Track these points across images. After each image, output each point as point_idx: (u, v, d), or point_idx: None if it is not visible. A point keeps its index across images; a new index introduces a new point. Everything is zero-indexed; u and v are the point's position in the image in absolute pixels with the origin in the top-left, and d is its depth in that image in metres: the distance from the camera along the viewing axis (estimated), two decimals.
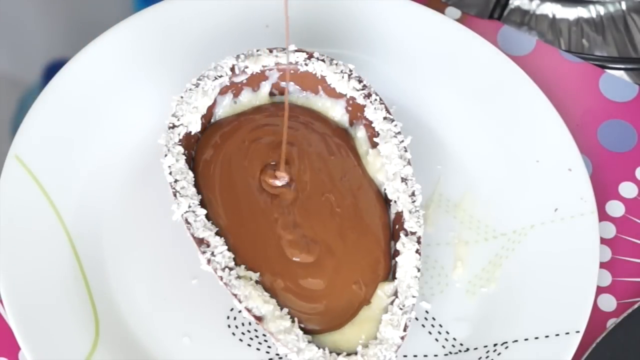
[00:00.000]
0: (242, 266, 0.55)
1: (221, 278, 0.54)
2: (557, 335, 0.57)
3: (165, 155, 0.56)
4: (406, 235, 0.56)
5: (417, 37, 0.65)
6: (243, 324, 0.58)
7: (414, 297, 0.55)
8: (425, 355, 0.58)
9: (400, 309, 0.55)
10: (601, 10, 0.72)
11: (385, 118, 0.59)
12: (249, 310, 0.54)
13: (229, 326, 0.58)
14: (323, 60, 0.59)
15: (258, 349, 0.58)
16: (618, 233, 0.63)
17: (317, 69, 0.59)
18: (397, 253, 0.56)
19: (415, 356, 0.58)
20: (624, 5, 0.72)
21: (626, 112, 0.66)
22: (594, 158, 0.65)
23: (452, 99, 0.65)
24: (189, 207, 0.55)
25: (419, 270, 0.56)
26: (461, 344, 0.58)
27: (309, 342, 0.54)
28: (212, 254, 0.54)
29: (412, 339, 0.57)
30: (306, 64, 0.59)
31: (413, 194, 0.57)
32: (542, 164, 0.62)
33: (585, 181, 0.61)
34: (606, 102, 0.67)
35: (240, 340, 0.58)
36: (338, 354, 0.54)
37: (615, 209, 0.63)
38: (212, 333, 0.58)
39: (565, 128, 0.63)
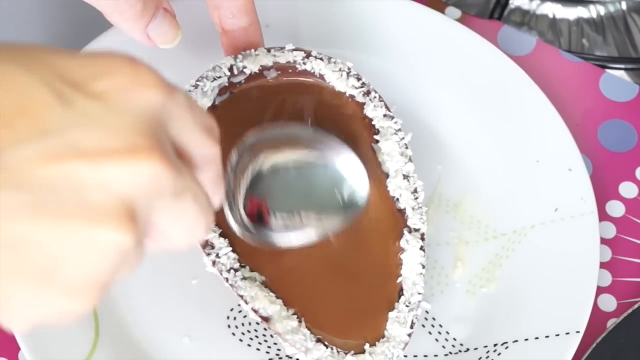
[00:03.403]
0: (247, 267, 0.55)
1: (227, 280, 0.54)
2: (557, 335, 0.57)
3: None
4: (410, 232, 0.56)
5: (417, 37, 0.65)
6: (243, 324, 0.58)
7: (419, 294, 0.55)
8: (425, 356, 0.58)
9: (407, 306, 0.55)
10: (601, 10, 0.72)
11: (385, 115, 0.58)
12: (255, 311, 0.53)
13: (229, 326, 0.58)
14: (321, 59, 0.59)
15: (258, 349, 0.58)
16: (618, 233, 0.63)
17: (315, 67, 0.59)
18: (401, 250, 0.56)
19: (415, 356, 0.58)
20: (624, 5, 0.72)
21: (626, 112, 0.66)
22: (594, 158, 0.65)
23: (452, 99, 0.65)
24: None
25: (423, 267, 0.56)
26: (461, 344, 0.58)
27: (317, 341, 0.54)
28: (217, 255, 0.54)
29: (412, 339, 0.57)
30: (304, 63, 0.59)
31: (415, 191, 0.57)
32: (542, 164, 0.62)
33: (585, 181, 0.61)
34: (606, 102, 0.67)
35: (240, 340, 0.58)
36: (346, 353, 0.54)
37: (615, 209, 0.63)
38: (212, 333, 0.58)
39: (565, 128, 0.63)
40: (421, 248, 0.56)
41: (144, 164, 0.34)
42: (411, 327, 0.54)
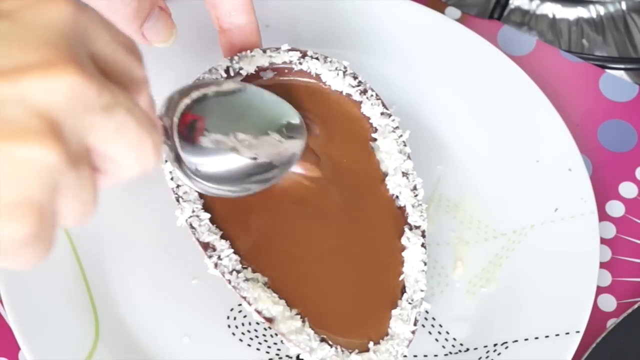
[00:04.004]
0: (250, 268, 0.55)
1: (229, 281, 0.54)
2: (557, 335, 0.57)
3: (166, 161, 0.55)
4: (410, 229, 0.56)
5: (417, 37, 0.65)
6: (243, 324, 0.58)
7: (422, 290, 0.55)
8: (425, 355, 0.58)
9: (409, 303, 0.55)
10: (601, 10, 0.72)
11: (382, 113, 0.58)
12: (259, 312, 0.53)
13: (229, 326, 0.58)
14: (317, 59, 0.59)
15: (258, 349, 0.58)
16: (618, 233, 0.63)
17: (311, 67, 0.59)
18: (402, 248, 0.56)
19: (415, 356, 0.58)
20: (624, 5, 0.72)
21: (626, 112, 0.66)
22: (594, 158, 0.65)
23: (452, 99, 0.65)
24: (193, 211, 0.55)
25: (425, 264, 0.56)
26: (461, 344, 0.58)
27: (321, 340, 0.54)
28: (219, 257, 0.54)
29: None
30: (300, 63, 0.59)
31: (415, 188, 0.57)
32: (542, 164, 0.62)
33: (585, 181, 0.61)
34: (606, 102, 0.67)
35: (240, 340, 0.58)
36: (350, 352, 0.54)
37: (615, 209, 0.63)
38: (212, 333, 0.58)
39: (565, 128, 0.63)
40: (422, 245, 0.56)
41: (60, 76, 0.34)
42: (414, 324, 0.54)
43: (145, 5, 0.55)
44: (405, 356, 0.55)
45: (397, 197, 0.57)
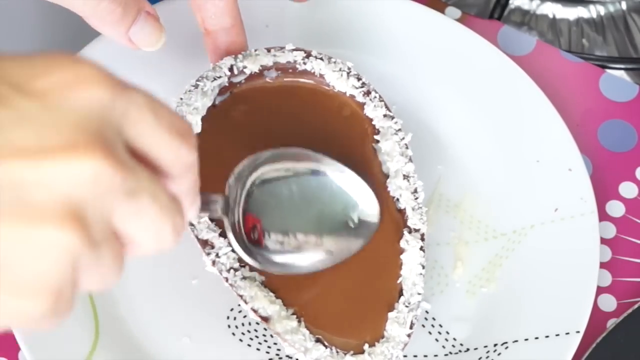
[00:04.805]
0: (247, 266, 0.55)
1: (226, 279, 0.54)
2: (557, 335, 0.57)
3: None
4: (410, 232, 0.56)
5: (417, 37, 0.65)
6: (243, 324, 0.58)
7: (419, 294, 0.55)
8: (425, 356, 0.58)
9: (406, 306, 0.55)
10: (601, 10, 0.72)
11: (385, 115, 0.58)
12: (255, 311, 0.53)
13: (229, 326, 0.58)
14: (321, 59, 0.59)
15: (258, 349, 0.58)
16: (618, 233, 0.63)
17: (315, 67, 0.59)
18: (401, 250, 0.56)
19: (415, 356, 0.58)
20: (624, 5, 0.72)
21: (626, 112, 0.66)
22: (594, 158, 0.65)
23: (452, 99, 0.65)
24: None
25: (423, 267, 0.56)
26: (461, 344, 0.58)
27: (316, 341, 0.54)
28: (217, 255, 0.54)
29: (412, 338, 0.57)
30: (304, 63, 0.59)
31: (415, 191, 0.57)
32: (542, 164, 0.62)
33: (585, 181, 0.61)
34: (606, 102, 0.67)
35: (240, 340, 0.58)
36: (345, 353, 0.54)
37: (615, 209, 0.63)
38: (212, 333, 0.58)
39: (565, 128, 0.63)
40: (421, 248, 0.56)
41: (84, 160, 0.33)
42: (410, 327, 0.54)
43: (131, 11, 0.55)
44: (404, 357, 0.55)
45: (397, 199, 0.57)
